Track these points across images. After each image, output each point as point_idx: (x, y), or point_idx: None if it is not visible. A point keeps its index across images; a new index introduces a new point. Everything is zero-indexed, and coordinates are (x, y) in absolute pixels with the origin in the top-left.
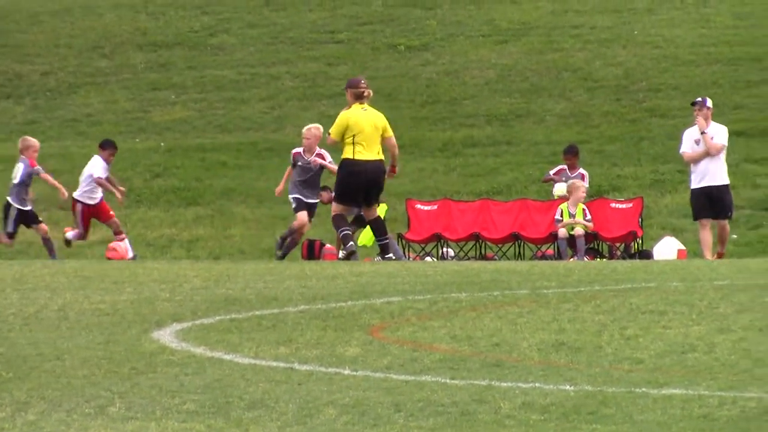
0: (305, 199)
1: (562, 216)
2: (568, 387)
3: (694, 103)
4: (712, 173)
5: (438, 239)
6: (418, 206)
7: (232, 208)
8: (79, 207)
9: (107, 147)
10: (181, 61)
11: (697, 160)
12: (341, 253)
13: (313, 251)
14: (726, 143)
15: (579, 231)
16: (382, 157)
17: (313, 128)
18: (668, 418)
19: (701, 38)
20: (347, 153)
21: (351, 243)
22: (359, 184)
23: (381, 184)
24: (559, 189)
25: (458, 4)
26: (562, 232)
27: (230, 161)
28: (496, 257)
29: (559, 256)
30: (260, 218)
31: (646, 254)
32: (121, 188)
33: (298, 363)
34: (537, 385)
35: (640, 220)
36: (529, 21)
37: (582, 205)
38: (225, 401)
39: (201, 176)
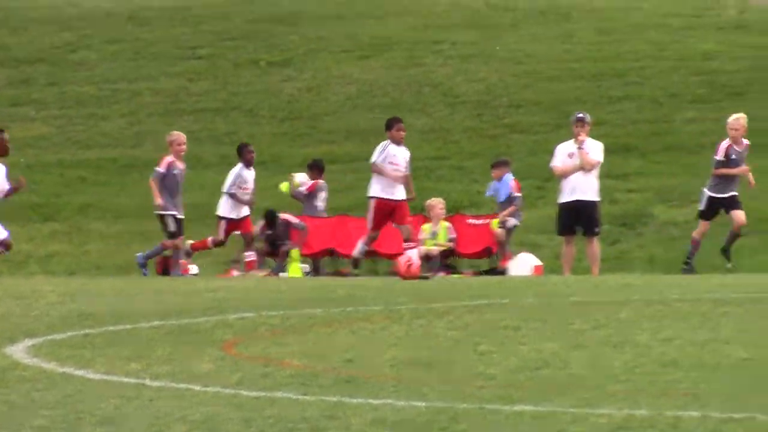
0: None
1: (423, 236)
2: (419, 403)
3: (578, 119)
4: (583, 188)
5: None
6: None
7: (89, 224)
8: None
9: None
10: (42, 77)
11: (568, 174)
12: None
13: (166, 267)
14: (602, 159)
15: (434, 249)
16: None
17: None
18: None
19: (564, 54)
20: None
21: None
22: None
23: None
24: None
25: (320, 19)
26: (421, 249)
27: (89, 177)
28: (350, 273)
29: None
30: (117, 234)
31: (501, 270)
32: None
33: (150, 379)
34: (389, 401)
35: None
36: (391, 36)
37: (446, 224)
38: (76, 417)
39: (60, 192)
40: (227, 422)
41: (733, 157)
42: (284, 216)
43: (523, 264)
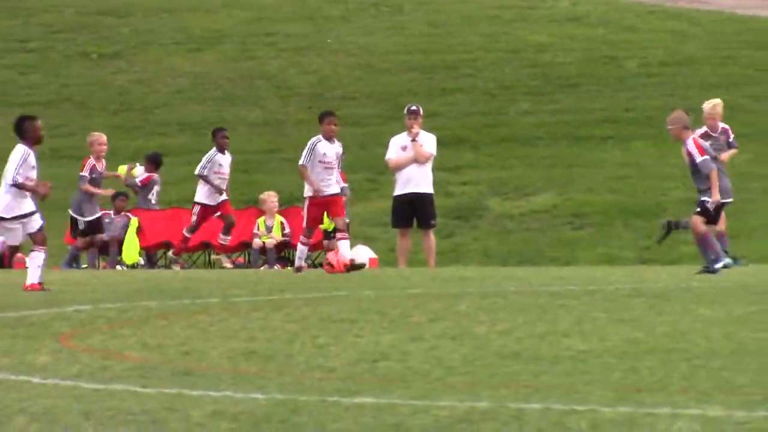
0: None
1: (259, 229)
2: (258, 395)
3: (411, 111)
4: (417, 181)
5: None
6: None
7: None
8: None
9: None
10: None
11: (402, 167)
12: None
13: (2, 260)
14: (435, 152)
15: (270, 241)
16: None
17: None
18: (360, 427)
19: (396, 46)
20: None
21: None
22: None
23: None
24: None
25: (152, 12)
26: (257, 242)
27: None
28: (187, 265)
29: (250, 264)
30: None
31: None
32: None
33: None
34: (228, 393)
35: None
36: (223, 29)
37: (280, 217)
38: None
39: None
40: (67, 414)
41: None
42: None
43: (358, 256)
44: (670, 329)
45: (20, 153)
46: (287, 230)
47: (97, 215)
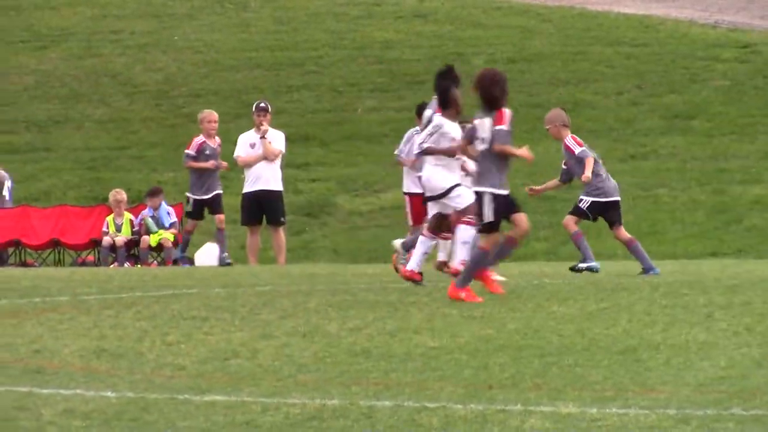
0: None
1: (108, 228)
2: (109, 393)
3: (259, 108)
4: (266, 178)
5: None
6: None
7: None
8: None
9: None
10: None
11: (251, 164)
12: None
13: None
14: (284, 149)
15: (120, 239)
16: None
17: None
18: (211, 424)
19: (242, 43)
20: None
21: None
22: None
23: None
24: None
25: None
26: (106, 240)
27: None
28: (36, 264)
29: (99, 262)
30: None
31: (188, 260)
32: None
33: None
34: (78, 391)
35: (179, 223)
36: (69, 27)
37: (129, 215)
38: None
39: None
40: None
41: None
42: None
43: (208, 254)
44: (522, 326)
45: None
46: (136, 228)
47: (213, 194)
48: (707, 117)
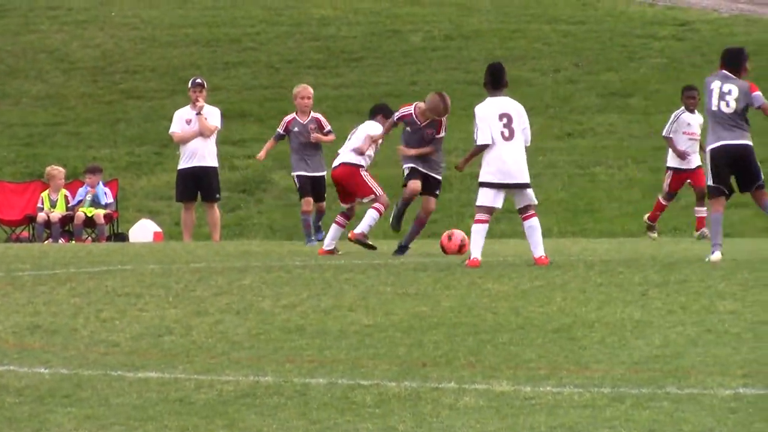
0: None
1: (43, 204)
2: (43, 370)
3: (195, 84)
4: (201, 154)
5: None
6: None
7: None
8: None
9: None
10: None
11: (187, 140)
12: None
13: None
14: (220, 126)
15: (55, 215)
16: None
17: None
18: (144, 401)
19: (179, 19)
20: None
21: None
22: None
23: None
24: None
25: None
26: (41, 216)
27: None
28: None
29: (34, 238)
30: None
31: (121, 237)
32: None
33: None
34: (12, 368)
35: (115, 202)
36: (5, 3)
37: (65, 191)
38: None
39: None
40: None
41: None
42: None
43: (143, 230)
44: (456, 303)
45: None
46: (71, 203)
47: (316, 174)
48: (644, 95)
